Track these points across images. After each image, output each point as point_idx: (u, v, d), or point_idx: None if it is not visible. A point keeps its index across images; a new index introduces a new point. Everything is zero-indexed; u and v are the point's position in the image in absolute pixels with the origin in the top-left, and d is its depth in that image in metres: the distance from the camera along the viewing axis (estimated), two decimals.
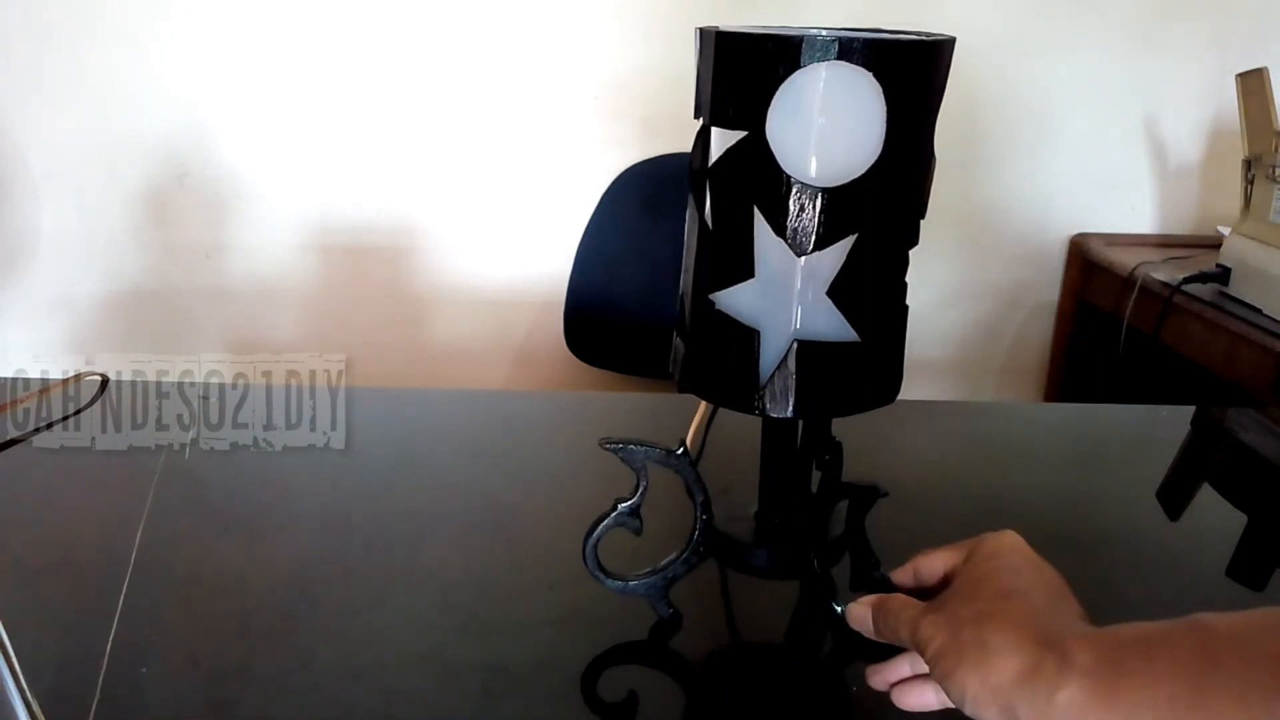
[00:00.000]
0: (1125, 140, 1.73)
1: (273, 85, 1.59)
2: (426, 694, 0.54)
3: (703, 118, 0.49)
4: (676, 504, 0.58)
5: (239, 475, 0.79)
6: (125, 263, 1.68)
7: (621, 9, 1.59)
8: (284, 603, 0.62)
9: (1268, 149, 1.36)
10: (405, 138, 1.63)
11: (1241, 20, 1.66)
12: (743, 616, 0.62)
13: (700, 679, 0.57)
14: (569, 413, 0.98)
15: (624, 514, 0.56)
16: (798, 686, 0.56)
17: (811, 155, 0.46)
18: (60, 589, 0.63)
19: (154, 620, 0.59)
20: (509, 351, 1.76)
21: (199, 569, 0.65)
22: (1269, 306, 1.33)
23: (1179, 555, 0.72)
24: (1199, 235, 1.73)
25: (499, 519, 0.73)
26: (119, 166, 1.62)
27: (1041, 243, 1.78)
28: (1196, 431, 0.95)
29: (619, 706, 0.54)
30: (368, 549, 0.68)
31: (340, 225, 1.67)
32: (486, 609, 0.61)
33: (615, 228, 1.48)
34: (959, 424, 0.97)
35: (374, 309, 1.72)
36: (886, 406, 0.53)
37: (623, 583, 0.57)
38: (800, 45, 0.44)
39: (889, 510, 0.58)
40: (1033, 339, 1.83)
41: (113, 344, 1.71)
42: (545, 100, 1.63)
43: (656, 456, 0.55)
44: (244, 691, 0.54)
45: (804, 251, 0.47)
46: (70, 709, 0.51)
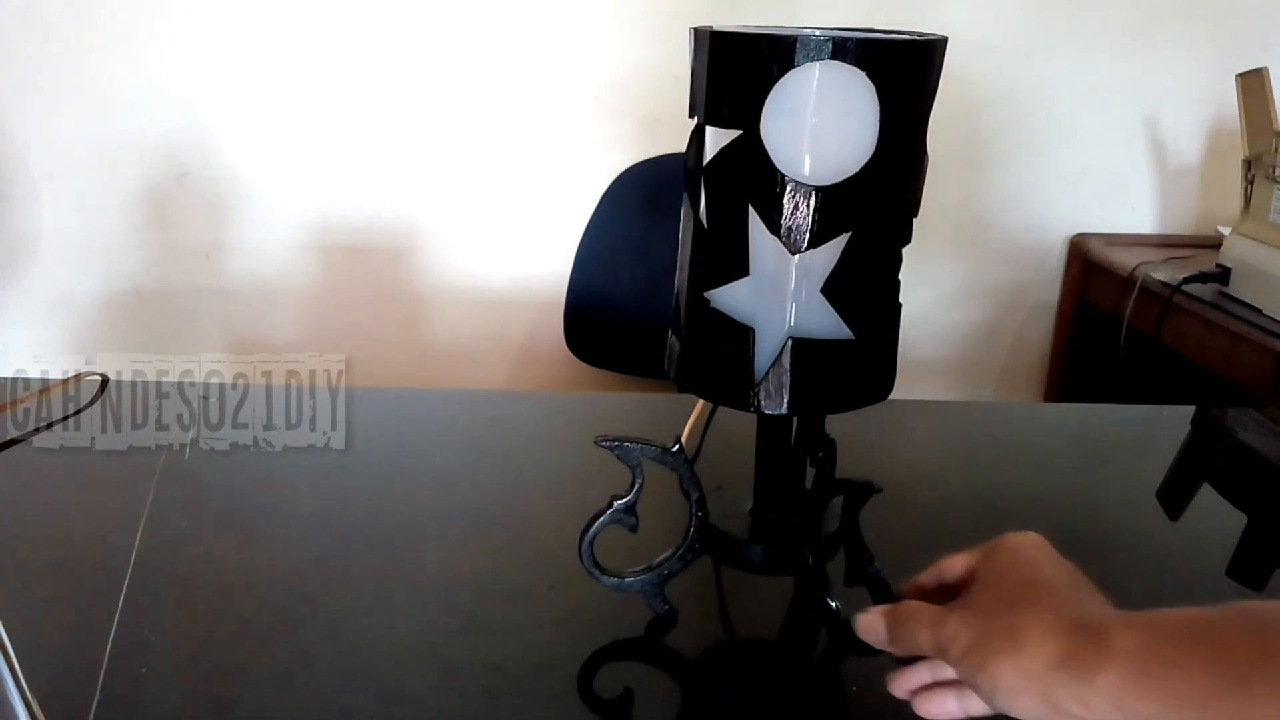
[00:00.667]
0: (1125, 140, 1.73)
1: (273, 85, 1.60)
2: (426, 694, 0.54)
3: (697, 117, 0.49)
4: (672, 501, 0.58)
5: (239, 475, 0.79)
6: (125, 263, 1.68)
7: (621, 9, 1.59)
8: (284, 603, 0.62)
9: (1268, 149, 1.36)
10: (405, 138, 1.63)
11: (1241, 20, 1.66)
12: (738, 613, 0.62)
13: (697, 676, 0.57)
14: (569, 413, 0.98)
15: (620, 511, 0.56)
16: (793, 682, 0.56)
17: (805, 154, 0.46)
18: (60, 589, 0.63)
19: (154, 620, 0.59)
20: (509, 351, 1.76)
21: (199, 569, 0.65)
22: (1269, 306, 1.33)
23: (1179, 555, 0.72)
24: (1199, 235, 1.73)
25: (499, 519, 0.73)
26: (119, 166, 1.62)
27: (1041, 243, 1.78)
28: (1196, 431, 0.95)
29: (617, 705, 0.54)
30: (368, 549, 0.68)
31: (340, 225, 1.67)
32: (486, 609, 0.61)
33: (615, 228, 1.48)
34: (959, 424, 0.97)
35: (374, 309, 1.72)
36: (887, 407, 0.53)
37: (619, 580, 0.58)
38: (794, 45, 0.44)
39: (888, 510, 0.58)
40: (1033, 339, 1.83)
41: (113, 344, 1.71)
42: (545, 100, 1.63)
43: (652, 454, 0.55)
44: (244, 691, 0.54)
45: (798, 250, 0.47)
46: (70, 709, 0.51)
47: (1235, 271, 1.40)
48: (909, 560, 0.66)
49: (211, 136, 1.61)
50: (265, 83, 1.59)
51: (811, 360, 0.49)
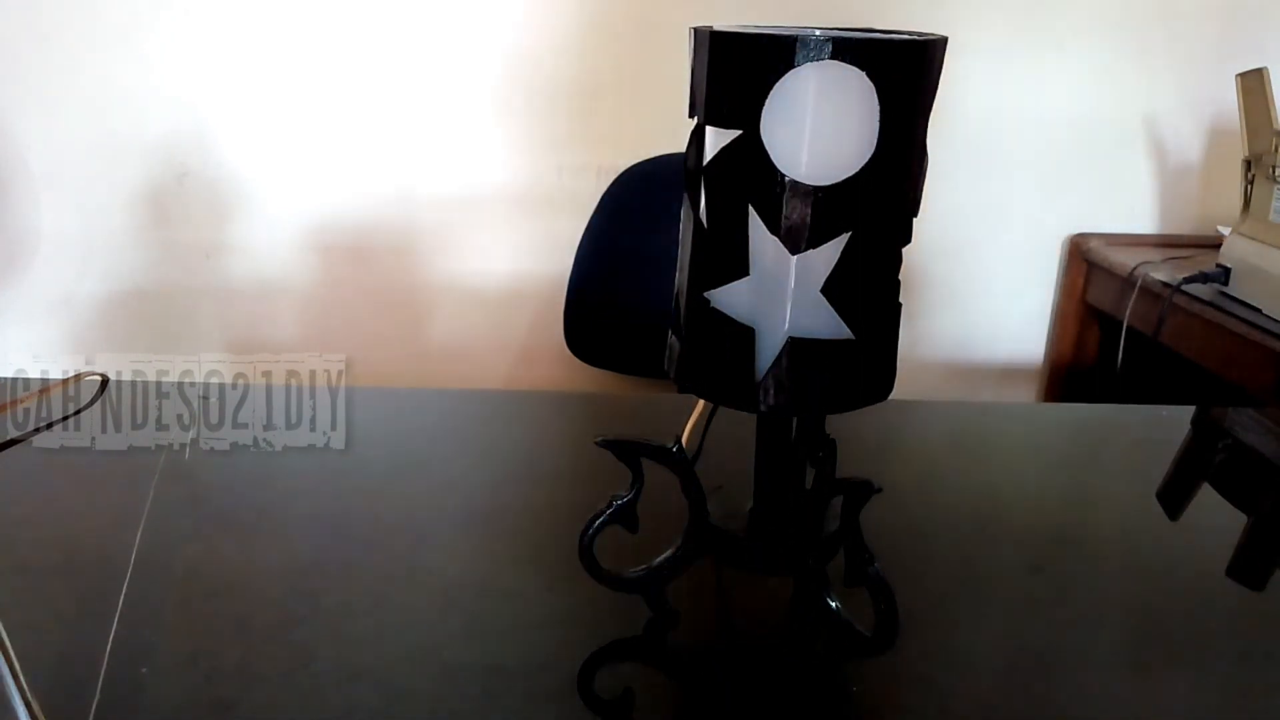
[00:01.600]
0: (1125, 140, 1.73)
1: (272, 85, 1.60)
2: (426, 694, 0.54)
3: (697, 117, 0.49)
4: (672, 501, 0.58)
5: (239, 475, 0.79)
6: (125, 263, 1.68)
7: (622, 9, 1.59)
8: (284, 603, 0.62)
9: (1268, 149, 1.36)
10: (405, 137, 1.63)
11: (1241, 20, 1.66)
12: (738, 613, 0.62)
13: (697, 676, 0.57)
14: (569, 413, 0.98)
15: (619, 511, 0.56)
16: (793, 682, 0.56)
17: (805, 154, 0.46)
18: (60, 589, 0.63)
19: (154, 620, 0.59)
20: (509, 351, 1.76)
21: (199, 569, 0.65)
22: (1269, 306, 1.33)
23: (1179, 555, 0.72)
24: (1199, 235, 1.73)
25: (499, 519, 0.73)
26: (119, 166, 1.62)
27: (1041, 243, 1.78)
28: (1196, 431, 0.95)
29: (617, 705, 0.54)
30: (368, 549, 0.68)
31: (340, 225, 1.67)
32: (486, 609, 0.61)
33: (615, 227, 1.48)
34: (959, 424, 0.97)
35: (374, 309, 1.72)
36: (887, 407, 0.53)
37: (619, 579, 0.58)
38: (794, 45, 0.44)
39: (888, 510, 0.58)
40: (1032, 339, 1.83)
41: (113, 344, 1.71)
42: (545, 100, 1.63)
43: (651, 454, 0.55)
44: (244, 691, 0.54)
45: (798, 249, 0.47)
46: (70, 709, 0.51)
47: (1235, 271, 1.40)
48: (909, 560, 0.67)
49: (211, 136, 1.61)
50: (265, 83, 1.59)
51: (811, 360, 0.49)
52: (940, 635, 0.60)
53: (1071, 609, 0.63)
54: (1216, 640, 0.61)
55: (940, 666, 0.57)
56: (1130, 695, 0.56)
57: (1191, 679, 0.58)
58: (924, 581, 0.65)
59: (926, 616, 0.60)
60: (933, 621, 0.61)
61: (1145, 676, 0.58)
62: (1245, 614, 0.65)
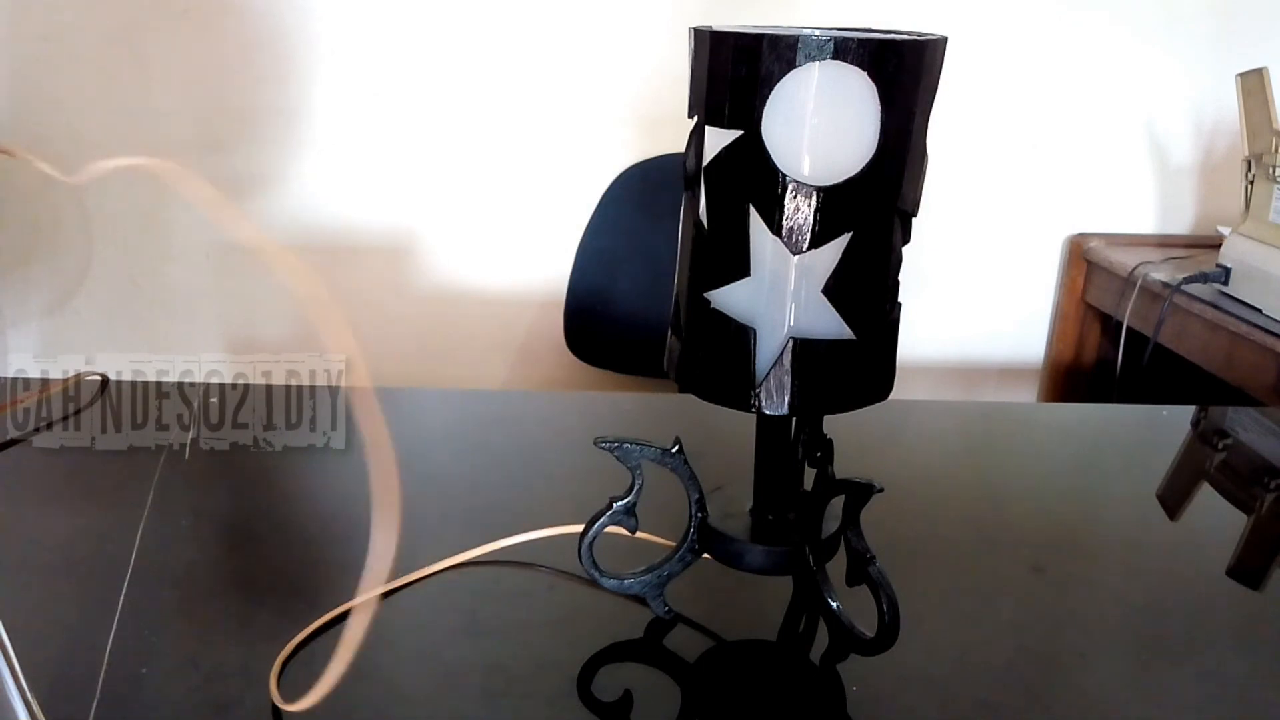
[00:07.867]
0: (1125, 140, 1.73)
1: (272, 85, 1.60)
2: (426, 694, 0.54)
3: (697, 117, 0.49)
4: (672, 501, 0.58)
5: (239, 475, 0.79)
6: (125, 263, 1.68)
7: (622, 9, 1.59)
8: (283, 602, 0.62)
9: (1268, 149, 1.36)
10: (405, 137, 1.63)
11: (1241, 20, 1.66)
12: (738, 613, 0.62)
13: (697, 677, 0.57)
14: (569, 413, 0.98)
15: (619, 512, 0.56)
16: (793, 682, 0.56)
17: (806, 154, 0.46)
18: (60, 589, 0.63)
19: (154, 620, 0.59)
20: (509, 351, 1.76)
21: (199, 569, 0.65)
22: (1269, 306, 1.33)
23: (1179, 555, 0.72)
24: (1199, 235, 1.73)
25: (499, 519, 0.73)
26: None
27: (1041, 243, 1.78)
28: (1196, 431, 0.95)
29: (617, 706, 0.54)
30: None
31: (340, 225, 1.67)
32: (486, 609, 0.61)
33: (615, 228, 1.48)
34: (959, 424, 0.97)
35: (374, 309, 1.72)
36: (887, 407, 0.53)
37: (618, 581, 0.58)
38: (795, 45, 0.44)
39: (888, 510, 0.58)
40: (1033, 339, 1.83)
41: (113, 344, 1.71)
42: (545, 100, 1.63)
43: (651, 455, 0.55)
44: (244, 691, 0.54)
45: (799, 250, 0.47)
46: (70, 709, 0.51)
47: (1235, 271, 1.40)
48: (909, 560, 0.67)
49: (211, 136, 1.61)
50: (265, 82, 1.59)
51: (812, 361, 0.49)
52: (940, 635, 0.60)
53: (1072, 609, 0.63)
54: (1217, 640, 0.61)
55: (940, 666, 0.57)
56: (1130, 695, 0.56)
57: (1192, 679, 0.58)
58: (924, 581, 0.65)
59: (926, 616, 0.60)
60: (933, 621, 0.61)
61: (1145, 676, 0.58)
62: (1245, 614, 0.65)
